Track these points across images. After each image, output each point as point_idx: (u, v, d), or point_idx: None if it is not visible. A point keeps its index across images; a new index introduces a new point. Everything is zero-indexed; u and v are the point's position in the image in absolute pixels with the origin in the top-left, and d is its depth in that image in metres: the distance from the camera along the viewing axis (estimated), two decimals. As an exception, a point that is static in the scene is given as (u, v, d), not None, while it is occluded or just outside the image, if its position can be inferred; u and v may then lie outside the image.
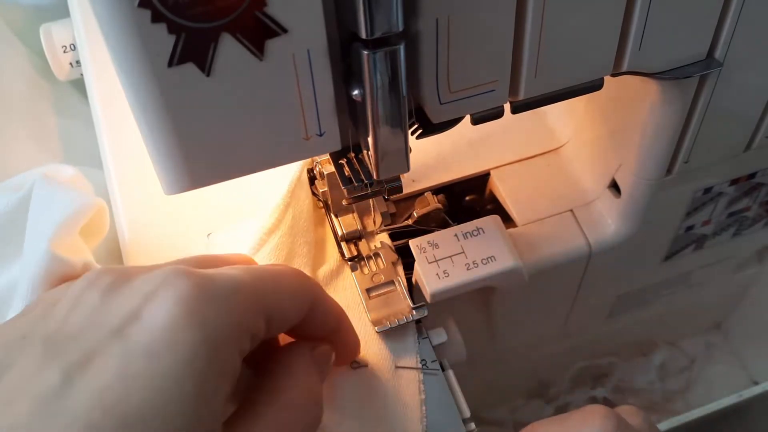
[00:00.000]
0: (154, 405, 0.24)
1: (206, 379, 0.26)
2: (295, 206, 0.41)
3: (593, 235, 0.46)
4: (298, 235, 0.41)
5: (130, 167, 0.44)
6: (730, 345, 0.73)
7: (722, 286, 0.64)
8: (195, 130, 0.27)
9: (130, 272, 0.28)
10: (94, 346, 0.25)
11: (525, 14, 0.29)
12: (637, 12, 0.31)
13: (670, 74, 0.35)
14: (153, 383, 0.24)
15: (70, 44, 0.54)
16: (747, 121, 0.41)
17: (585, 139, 0.47)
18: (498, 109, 0.33)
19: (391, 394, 0.38)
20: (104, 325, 0.26)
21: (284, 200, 0.41)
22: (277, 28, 0.25)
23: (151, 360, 0.25)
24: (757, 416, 0.52)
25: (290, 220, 0.41)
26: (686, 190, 0.45)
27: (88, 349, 0.25)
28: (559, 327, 0.57)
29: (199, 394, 0.25)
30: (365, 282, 0.42)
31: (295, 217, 0.41)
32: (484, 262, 0.41)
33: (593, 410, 0.32)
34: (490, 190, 0.49)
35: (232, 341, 0.27)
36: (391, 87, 0.27)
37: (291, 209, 0.41)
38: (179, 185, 0.29)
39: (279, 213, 0.40)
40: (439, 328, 0.42)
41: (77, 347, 0.26)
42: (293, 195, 0.41)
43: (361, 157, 0.32)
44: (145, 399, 0.24)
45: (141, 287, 0.27)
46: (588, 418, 0.31)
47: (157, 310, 0.26)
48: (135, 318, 0.26)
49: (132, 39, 0.24)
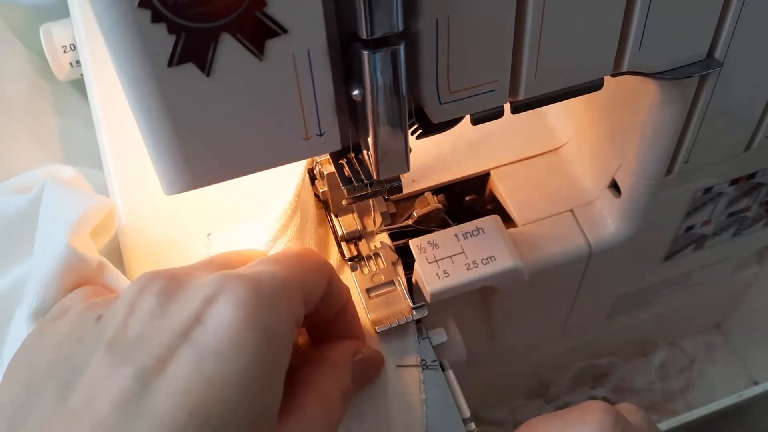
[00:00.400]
0: (231, 404, 0.26)
1: (272, 374, 0.28)
2: (302, 209, 0.41)
3: (593, 235, 0.46)
4: (306, 238, 0.41)
5: (130, 167, 0.44)
6: (730, 345, 0.73)
7: (722, 286, 0.64)
8: (195, 130, 0.27)
9: (179, 276, 0.30)
10: (164, 351, 0.26)
11: (525, 14, 0.29)
12: (637, 12, 0.31)
13: (670, 74, 0.35)
14: (228, 384, 0.26)
15: (70, 44, 0.54)
16: (747, 121, 0.41)
17: (585, 139, 0.47)
18: (498, 109, 0.33)
19: (392, 394, 0.38)
20: (168, 330, 0.27)
21: (291, 204, 0.41)
22: (277, 28, 0.25)
23: (222, 362, 0.26)
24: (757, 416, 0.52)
25: (297, 223, 0.41)
26: (686, 190, 0.45)
27: (158, 353, 0.26)
28: (559, 327, 0.57)
29: (267, 388, 0.28)
30: (365, 282, 0.42)
31: (303, 220, 0.41)
32: (484, 262, 0.41)
33: (592, 406, 0.32)
34: (490, 190, 0.49)
35: (287, 334, 0.29)
36: (391, 87, 0.27)
37: (298, 212, 0.41)
38: (179, 185, 0.29)
39: (286, 218, 0.40)
40: (439, 328, 0.42)
41: (146, 352, 0.27)
42: (299, 198, 0.41)
43: (361, 157, 0.32)
44: (223, 399, 0.26)
45: (198, 292, 0.28)
46: (587, 414, 0.31)
47: (219, 314, 0.27)
48: (198, 322, 0.27)
49: (132, 39, 0.24)
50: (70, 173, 0.42)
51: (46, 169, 0.42)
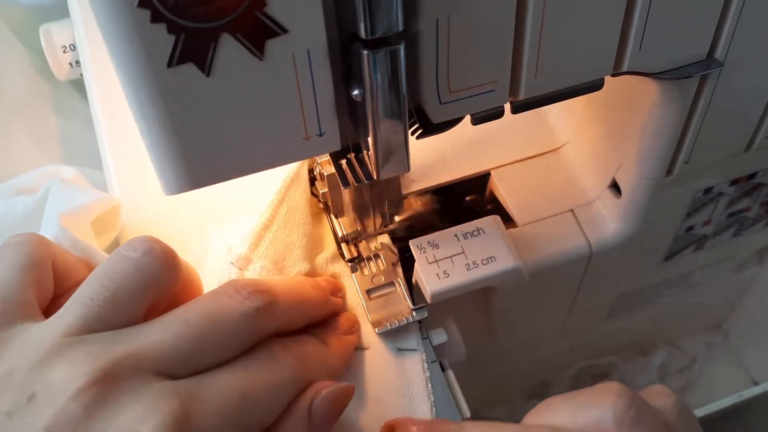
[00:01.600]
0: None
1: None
2: (290, 201, 0.41)
3: (593, 235, 0.46)
4: (294, 228, 0.41)
5: (130, 167, 0.44)
6: (730, 345, 0.73)
7: (722, 286, 0.64)
8: (195, 131, 0.27)
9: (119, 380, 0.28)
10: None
11: (525, 14, 0.29)
12: (637, 12, 0.31)
13: (671, 74, 0.35)
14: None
15: (69, 44, 0.54)
16: (747, 121, 0.41)
17: (585, 139, 0.47)
18: (498, 109, 0.33)
19: (396, 372, 0.38)
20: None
21: (278, 195, 0.41)
22: (277, 28, 0.25)
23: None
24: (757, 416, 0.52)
25: (285, 214, 0.41)
26: (686, 190, 0.45)
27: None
28: (559, 327, 0.57)
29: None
30: (365, 283, 0.42)
31: (290, 210, 0.41)
32: (484, 262, 0.41)
33: (607, 387, 0.30)
34: (490, 190, 0.49)
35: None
36: (391, 87, 0.27)
37: (285, 204, 0.41)
38: (179, 185, 0.29)
39: (273, 208, 0.40)
40: (439, 328, 0.42)
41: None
42: (288, 190, 0.42)
43: (361, 157, 0.32)
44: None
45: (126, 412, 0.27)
46: (601, 396, 0.30)
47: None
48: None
49: (131, 39, 0.24)
50: (71, 173, 0.42)
51: (47, 169, 0.43)
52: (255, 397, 0.30)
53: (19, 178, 0.41)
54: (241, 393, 0.30)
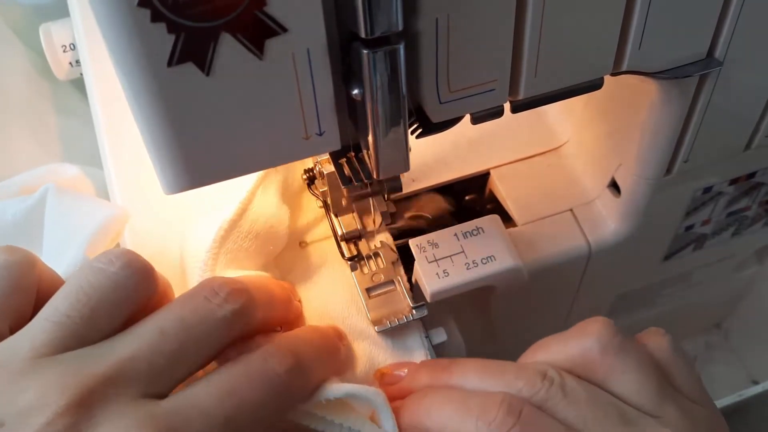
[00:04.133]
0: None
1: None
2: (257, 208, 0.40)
3: (593, 234, 0.46)
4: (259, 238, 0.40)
5: (130, 167, 0.44)
6: (730, 345, 0.73)
7: (722, 286, 0.64)
8: (194, 130, 0.27)
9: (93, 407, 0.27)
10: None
11: (525, 14, 0.29)
12: (636, 11, 0.31)
13: (670, 74, 0.35)
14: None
15: (69, 44, 0.54)
16: (746, 120, 0.41)
17: (585, 138, 0.47)
18: (498, 108, 0.33)
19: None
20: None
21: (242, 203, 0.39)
22: (277, 28, 0.25)
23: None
24: (757, 416, 0.52)
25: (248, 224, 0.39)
26: (686, 189, 0.45)
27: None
28: (559, 327, 0.57)
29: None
30: (365, 282, 0.42)
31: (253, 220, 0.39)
32: (483, 261, 0.41)
33: (593, 320, 0.32)
34: (490, 190, 0.49)
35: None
36: (390, 86, 0.27)
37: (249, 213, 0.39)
38: (179, 185, 0.29)
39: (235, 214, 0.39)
40: (439, 328, 0.42)
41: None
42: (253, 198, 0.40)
43: (361, 156, 0.32)
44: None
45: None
46: (587, 327, 0.32)
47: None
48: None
49: (131, 39, 0.24)
50: (73, 172, 0.42)
51: (48, 167, 0.43)
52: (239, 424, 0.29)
53: (21, 176, 0.41)
54: (226, 417, 0.28)
